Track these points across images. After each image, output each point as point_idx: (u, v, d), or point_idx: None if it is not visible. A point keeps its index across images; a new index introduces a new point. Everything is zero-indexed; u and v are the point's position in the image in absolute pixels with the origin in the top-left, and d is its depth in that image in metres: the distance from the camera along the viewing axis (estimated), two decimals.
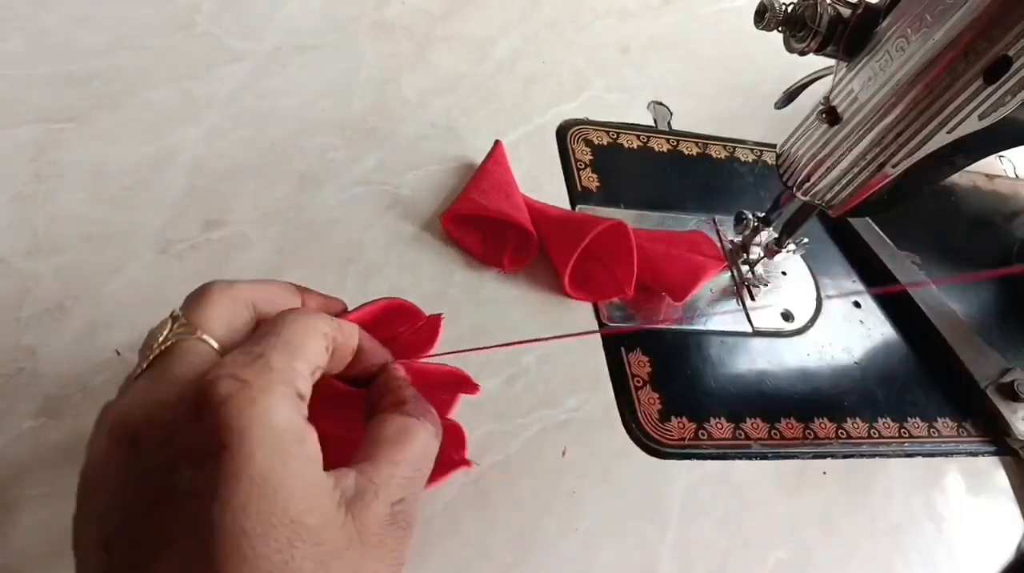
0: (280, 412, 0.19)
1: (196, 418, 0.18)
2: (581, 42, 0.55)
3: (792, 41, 0.32)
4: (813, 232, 0.49)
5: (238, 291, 0.23)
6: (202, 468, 0.17)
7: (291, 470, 0.18)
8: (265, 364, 0.19)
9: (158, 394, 0.20)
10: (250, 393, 0.18)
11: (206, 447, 0.18)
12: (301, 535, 0.18)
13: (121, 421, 0.19)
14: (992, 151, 0.31)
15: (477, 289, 0.39)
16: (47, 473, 0.28)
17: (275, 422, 0.18)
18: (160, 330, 0.22)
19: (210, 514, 0.17)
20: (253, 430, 0.18)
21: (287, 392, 0.19)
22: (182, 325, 0.21)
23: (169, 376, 0.20)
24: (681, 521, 0.34)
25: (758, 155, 0.53)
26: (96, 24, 0.43)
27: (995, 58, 0.26)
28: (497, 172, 0.42)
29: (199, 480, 0.17)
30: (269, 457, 0.18)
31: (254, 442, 0.18)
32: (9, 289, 0.32)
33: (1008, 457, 0.42)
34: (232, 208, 0.38)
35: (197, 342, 0.21)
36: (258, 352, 0.20)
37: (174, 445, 0.18)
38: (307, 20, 0.48)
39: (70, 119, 0.38)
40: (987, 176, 0.60)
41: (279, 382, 0.19)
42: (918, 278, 0.48)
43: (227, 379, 0.18)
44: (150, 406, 0.19)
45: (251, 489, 0.17)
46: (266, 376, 0.19)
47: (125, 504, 0.18)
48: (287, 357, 0.20)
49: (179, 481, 0.18)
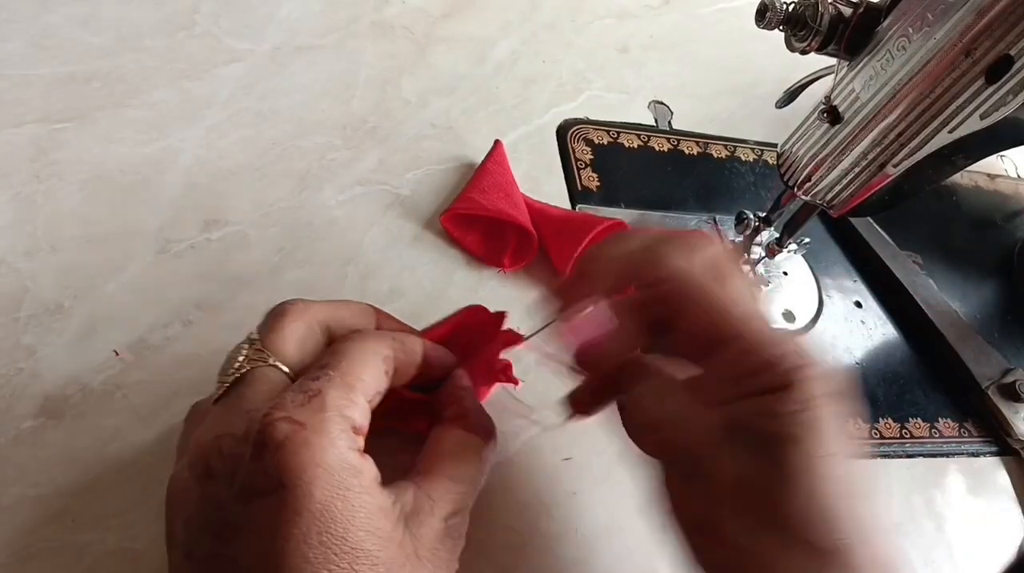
0: (334, 451, 0.20)
1: (256, 457, 0.20)
2: (581, 42, 0.55)
3: (793, 40, 0.32)
4: (814, 232, 0.49)
5: (313, 313, 0.24)
6: (265, 504, 0.19)
7: (348, 502, 0.20)
8: (320, 403, 0.21)
9: (229, 426, 0.21)
10: (304, 435, 0.20)
11: (268, 484, 0.19)
12: (360, 559, 0.19)
13: (198, 451, 0.21)
14: (993, 151, 0.31)
15: (477, 289, 0.39)
16: (47, 473, 0.28)
17: (329, 461, 0.20)
18: (236, 354, 0.23)
19: (275, 545, 0.19)
20: (309, 470, 0.19)
21: (341, 429, 0.21)
22: (257, 350, 0.23)
23: (240, 405, 0.22)
24: None
25: (759, 155, 0.52)
26: (96, 25, 0.43)
27: (997, 57, 0.26)
28: (497, 172, 0.42)
29: (264, 514, 0.19)
30: (327, 493, 0.19)
31: (311, 481, 0.19)
32: (9, 289, 0.32)
33: (1009, 457, 0.42)
34: (232, 208, 0.38)
35: (270, 369, 0.23)
36: (315, 389, 0.21)
37: (240, 481, 0.20)
38: (307, 20, 0.48)
39: (70, 119, 0.38)
40: (988, 176, 0.60)
41: (333, 420, 0.21)
42: (919, 278, 0.47)
43: (283, 422, 0.20)
44: (222, 438, 0.21)
45: (311, 522, 0.19)
46: (320, 416, 0.20)
47: (201, 525, 0.20)
48: (343, 391, 0.22)
49: (244, 513, 0.19)
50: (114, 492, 0.28)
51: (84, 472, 0.28)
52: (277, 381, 0.23)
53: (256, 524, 0.19)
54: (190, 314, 0.34)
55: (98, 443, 0.29)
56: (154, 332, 0.33)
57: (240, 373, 0.23)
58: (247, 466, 0.20)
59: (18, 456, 0.28)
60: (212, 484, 0.20)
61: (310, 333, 0.24)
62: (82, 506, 0.27)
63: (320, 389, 0.21)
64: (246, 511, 0.19)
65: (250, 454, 0.20)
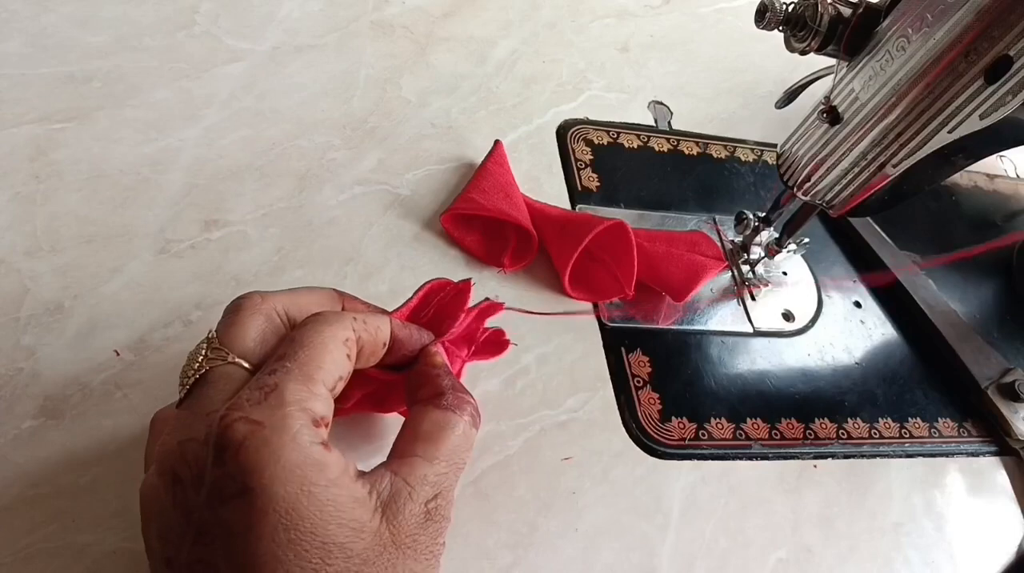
0: (295, 447, 0.20)
1: (218, 461, 0.19)
2: (581, 42, 0.55)
3: (793, 41, 0.32)
4: (814, 232, 0.49)
5: (271, 303, 0.24)
6: (232, 508, 0.19)
7: (315, 497, 0.19)
8: (278, 398, 0.20)
9: (191, 430, 0.21)
10: (263, 434, 0.19)
11: (233, 488, 0.19)
12: (332, 552, 0.19)
13: (164, 458, 0.21)
14: (993, 151, 0.31)
15: (477, 289, 0.39)
16: (47, 473, 0.28)
17: (291, 458, 0.19)
18: (196, 354, 0.23)
19: (246, 548, 0.19)
20: (270, 469, 0.19)
21: (302, 423, 0.20)
22: (215, 348, 0.22)
23: (202, 407, 0.21)
24: (681, 521, 0.34)
25: (758, 155, 0.53)
26: (96, 24, 0.43)
27: (996, 57, 0.26)
28: (497, 172, 0.42)
29: (232, 517, 0.19)
30: (291, 491, 0.19)
31: (275, 480, 0.19)
32: (9, 289, 0.32)
33: (1009, 457, 0.42)
34: (232, 208, 0.38)
35: (230, 366, 0.22)
36: (271, 385, 0.21)
37: (207, 485, 0.20)
38: (307, 20, 0.48)
39: (70, 119, 0.38)
40: (988, 176, 0.60)
41: (292, 415, 0.20)
42: (919, 278, 0.47)
43: (240, 422, 0.19)
44: (185, 443, 0.20)
45: (278, 521, 0.19)
46: (279, 412, 0.20)
47: (177, 533, 0.20)
48: (301, 383, 0.21)
49: (215, 517, 0.19)
50: (114, 492, 0.28)
51: (84, 472, 0.28)
52: (238, 378, 0.22)
53: (227, 528, 0.19)
54: (190, 314, 0.34)
55: (98, 443, 0.29)
56: (154, 332, 0.33)
57: (199, 373, 0.22)
58: (211, 471, 0.19)
59: (18, 456, 0.28)
60: (181, 490, 0.20)
61: (270, 324, 0.23)
62: (82, 506, 0.28)
63: (276, 383, 0.21)
64: (216, 515, 0.19)
65: (212, 458, 0.19)
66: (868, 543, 0.36)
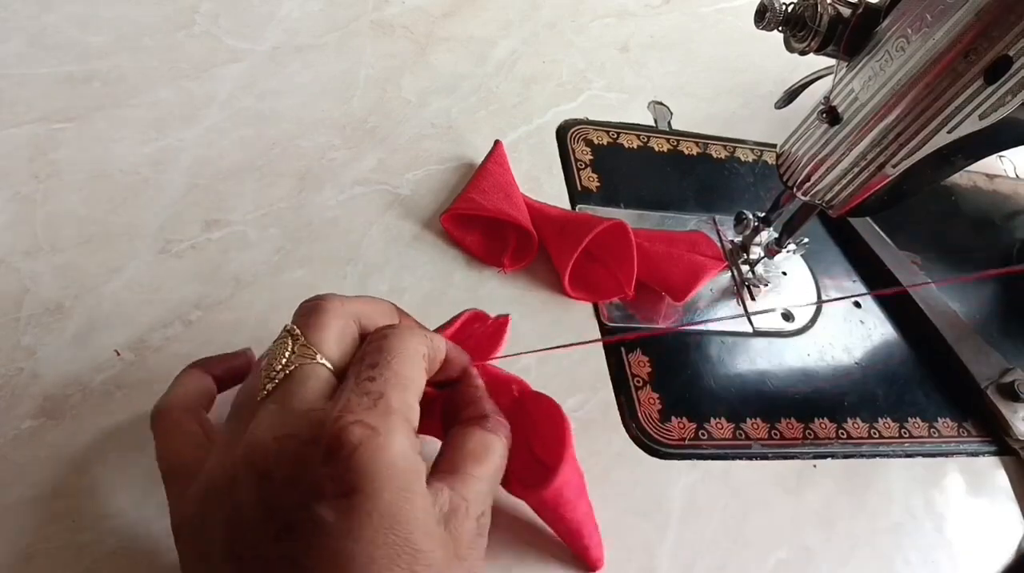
0: (404, 454, 0.20)
1: (328, 461, 0.20)
2: (581, 42, 0.55)
3: (792, 41, 0.32)
4: (813, 232, 0.49)
5: (348, 308, 0.24)
6: (335, 506, 0.19)
7: (413, 505, 0.20)
8: (386, 406, 0.21)
9: (287, 426, 0.21)
10: (379, 439, 0.20)
11: (339, 489, 0.19)
12: (419, 560, 0.20)
13: (254, 451, 0.21)
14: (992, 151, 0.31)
15: (477, 289, 0.39)
16: (47, 473, 0.28)
17: (400, 464, 0.20)
18: (281, 351, 0.23)
19: (343, 547, 0.19)
20: (382, 472, 0.20)
21: (407, 431, 0.21)
22: (302, 346, 0.23)
23: (295, 404, 0.21)
24: (681, 521, 0.34)
25: (758, 155, 0.53)
26: (96, 24, 0.43)
27: (995, 58, 0.26)
28: (497, 172, 0.42)
29: (332, 517, 0.19)
30: (395, 496, 0.20)
31: (383, 484, 0.20)
32: (9, 289, 0.32)
33: (1008, 457, 0.42)
34: (232, 208, 0.38)
35: (316, 366, 0.22)
36: (377, 392, 0.21)
37: (306, 483, 0.20)
38: (307, 20, 0.48)
39: (70, 119, 0.38)
40: (987, 176, 0.60)
41: (400, 423, 0.21)
42: (919, 278, 0.47)
43: (357, 426, 0.20)
44: (281, 439, 0.21)
45: (380, 525, 0.19)
46: (390, 419, 0.21)
47: (254, 527, 0.20)
48: (402, 392, 0.22)
49: (312, 517, 0.19)
50: (114, 492, 0.28)
51: (84, 472, 0.28)
52: (325, 379, 0.22)
53: (324, 527, 0.19)
54: (190, 314, 0.34)
55: (98, 443, 0.29)
56: (154, 332, 0.33)
57: (288, 370, 0.22)
58: (317, 470, 0.20)
59: (18, 456, 0.28)
60: (270, 486, 0.20)
61: (348, 329, 0.24)
62: (82, 506, 0.28)
63: (383, 392, 0.21)
64: (312, 514, 0.19)
65: (320, 458, 0.20)
66: (868, 543, 0.36)
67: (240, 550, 0.20)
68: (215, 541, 0.21)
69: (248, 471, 0.20)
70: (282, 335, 0.23)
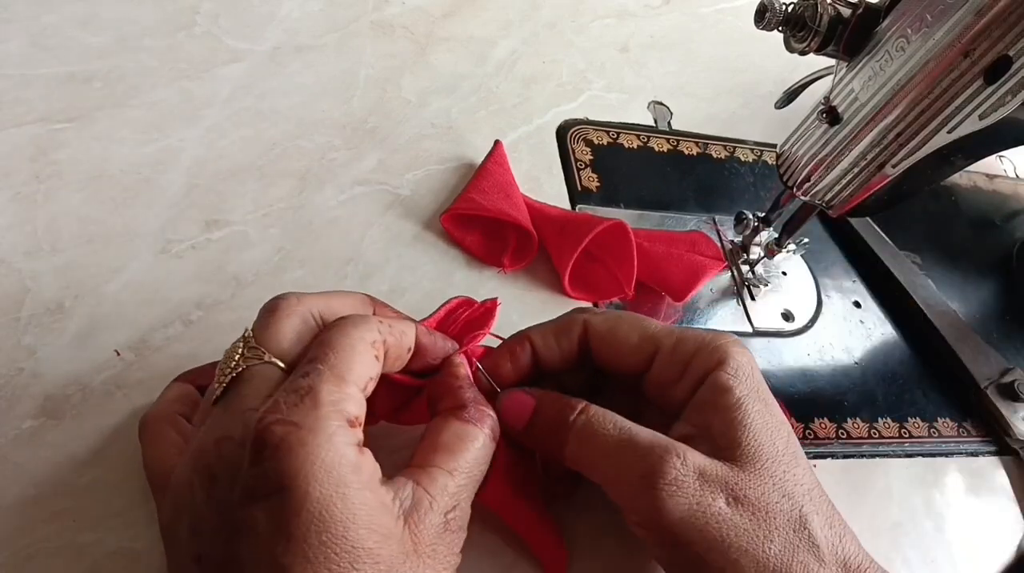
0: (331, 448, 0.20)
1: (254, 461, 0.20)
2: (581, 42, 0.55)
3: (792, 41, 0.32)
4: (813, 232, 0.49)
5: (306, 305, 0.24)
6: (266, 507, 0.19)
7: (348, 500, 0.20)
8: (313, 400, 0.21)
9: (228, 428, 0.21)
10: (300, 434, 0.20)
11: (268, 487, 0.19)
12: (361, 557, 0.19)
13: (201, 455, 0.21)
14: (992, 151, 0.31)
15: (477, 289, 0.39)
16: (47, 473, 0.28)
17: (327, 459, 0.20)
18: (233, 353, 0.23)
19: (276, 547, 0.19)
20: (306, 470, 0.19)
21: (337, 425, 0.21)
22: (251, 348, 0.23)
23: (238, 406, 0.21)
24: None
25: (758, 155, 0.53)
26: (96, 24, 0.43)
27: (995, 58, 0.26)
28: (497, 172, 0.42)
29: (264, 516, 0.19)
30: (326, 492, 0.19)
31: (309, 481, 0.19)
32: (9, 289, 0.32)
33: (1008, 457, 0.42)
34: (232, 208, 0.38)
35: (266, 366, 0.22)
36: (306, 387, 0.21)
37: (240, 485, 0.20)
38: (307, 20, 0.48)
39: (70, 119, 0.38)
40: (987, 176, 0.60)
41: (328, 417, 0.20)
42: (918, 278, 0.48)
43: (278, 424, 0.20)
44: (221, 442, 0.21)
45: (310, 522, 0.19)
46: (314, 414, 0.20)
47: (210, 530, 0.20)
48: (335, 384, 0.21)
49: (248, 516, 0.19)
50: (114, 492, 0.28)
51: (84, 472, 0.28)
52: (274, 378, 0.22)
53: (258, 527, 0.19)
54: (190, 314, 0.34)
55: (98, 443, 0.29)
56: (155, 332, 0.33)
57: (236, 372, 0.22)
58: (246, 470, 0.20)
59: (18, 456, 0.28)
60: (216, 488, 0.20)
61: (306, 326, 0.24)
62: (82, 506, 0.28)
63: (311, 386, 0.21)
64: (248, 515, 0.19)
65: (248, 458, 0.20)
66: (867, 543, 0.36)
67: (201, 550, 0.20)
68: (184, 544, 0.21)
69: (197, 476, 0.21)
70: (237, 339, 0.23)
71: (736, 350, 0.27)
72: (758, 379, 0.27)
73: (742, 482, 0.24)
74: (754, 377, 0.27)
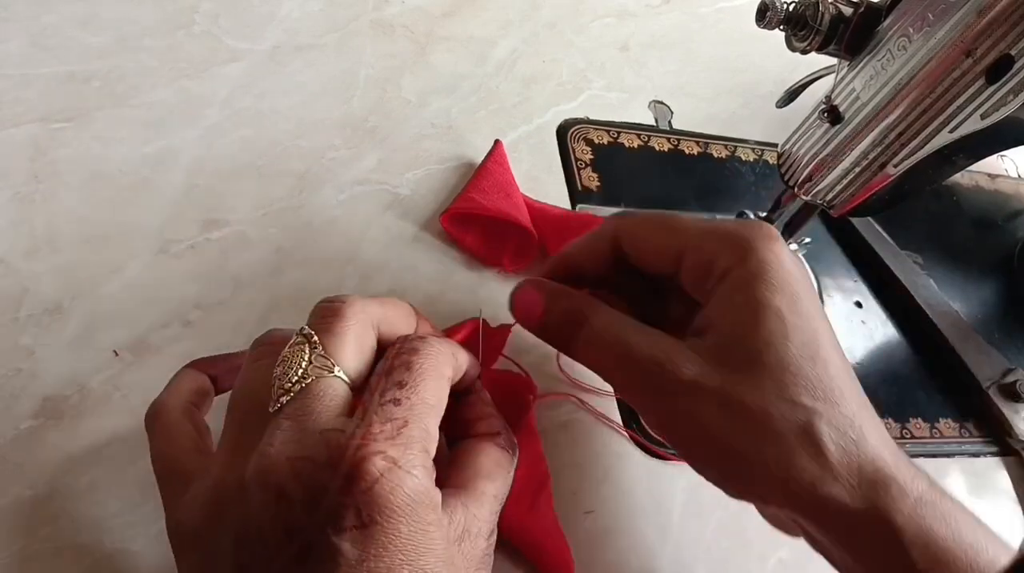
0: (421, 488, 0.20)
1: (346, 490, 0.19)
2: (581, 42, 0.55)
3: (793, 40, 0.32)
4: (814, 232, 0.49)
5: (368, 314, 0.23)
6: (352, 537, 0.19)
7: (429, 536, 0.20)
8: (408, 436, 0.20)
9: (303, 448, 0.20)
10: (399, 474, 0.20)
11: (358, 520, 0.19)
12: None
13: (270, 471, 0.20)
14: (994, 151, 0.31)
15: (477, 289, 0.39)
16: (46, 473, 0.28)
17: (417, 498, 0.20)
18: (296, 359, 0.22)
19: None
20: (401, 509, 0.19)
21: (426, 462, 0.21)
22: (320, 357, 0.22)
23: (311, 424, 0.21)
24: (682, 521, 0.34)
25: (759, 155, 0.52)
26: (96, 25, 0.43)
27: (997, 57, 0.26)
28: (497, 172, 0.42)
29: (350, 549, 0.19)
30: (413, 529, 0.20)
31: (401, 518, 0.19)
32: (8, 289, 0.32)
33: (1010, 458, 0.42)
34: (232, 208, 0.38)
35: (333, 380, 0.22)
36: (402, 419, 0.21)
37: (324, 510, 0.19)
38: (306, 20, 0.48)
39: (70, 119, 0.38)
40: (989, 176, 0.60)
41: (419, 456, 0.21)
42: (920, 278, 0.47)
43: (379, 457, 0.20)
44: (296, 461, 0.20)
45: (395, 556, 0.19)
46: (411, 452, 0.20)
47: (271, 548, 0.20)
48: (424, 420, 0.21)
49: (328, 542, 0.19)
50: (113, 493, 0.28)
51: (83, 472, 0.28)
52: (343, 395, 0.22)
53: (341, 556, 0.19)
54: (190, 314, 0.34)
55: (97, 443, 0.29)
56: (154, 332, 0.32)
57: (304, 383, 0.21)
58: (335, 498, 0.19)
59: (17, 456, 0.28)
60: (287, 507, 0.20)
61: (368, 337, 0.23)
62: (81, 506, 0.27)
63: (407, 419, 0.21)
64: (330, 542, 0.19)
65: (339, 487, 0.19)
66: None
67: (250, 565, 0.20)
68: (223, 554, 0.20)
69: (261, 489, 0.20)
70: (297, 340, 0.22)
71: (762, 244, 0.25)
72: (785, 273, 0.24)
73: (738, 388, 0.23)
74: (779, 273, 0.24)
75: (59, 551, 0.27)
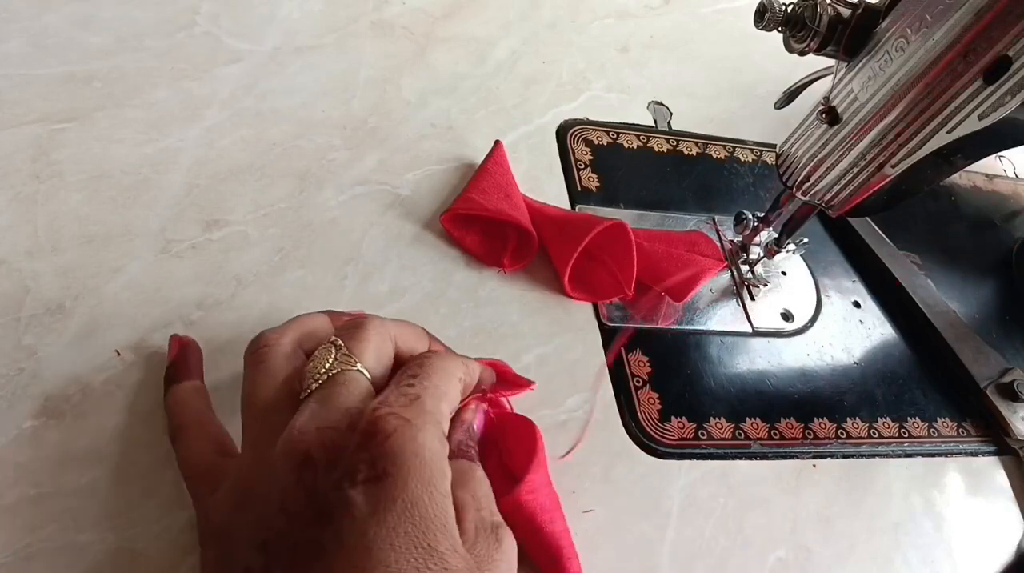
0: (432, 448, 0.22)
1: (363, 446, 0.21)
2: (581, 42, 0.55)
3: (792, 41, 0.32)
4: (813, 232, 0.49)
5: (387, 328, 0.26)
6: (365, 490, 0.20)
7: (434, 500, 0.21)
8: (421, 405, 0.23)
9: (327, 420, 0.22)
10: (411, 430, 0.21)
11: (371, 473, 0.20)
12: (433, 557, 0.20)
13: (299, 439, 0.22)
14: (992, 151, 0.31)
15: (477, 289, 0.39)
16: (47, 473, 0.28)
17: (427, 457, 0.21)
18: (324, 357, 0.24)
19: (366, 529, 0.20)
20: (411, 463, 0.21)
21: (437, 431, 0.22)
22: (344, 354, 0.24)
23: (336, 402, 0.23)
24: (681, 521, 0.34)
25: (758, 155, 0.53)
26: (96, 25, 0.43)
27: (995, 58, 0.26)
28: (497, 172, 0.42)
29: (362, 500, 0.20)
30: (419, 488, 0.21)
31: (410, 473, 0.21)
32: (9, 289, 0.32)
33: (1008, 457, 0.42)
34: (232, 208, 0.38)
35: (358, 374, 0.24)
36: (414, 394, 0.23)
37: (341, 467, 0.21)
38: (307, 20, 0.48)
39: (70, 119, 0.38)
40: (987, 176, 0.60)
41: (432, 421, 0.22)
42: (918, 278, 0.48)
43: (393, 416, 0.21)
44: (324, 430, 0.22)
45: (402, 513, 0.20)
46: (423, 416, 0.22)
47: (290, 514, 0.21)
48: (436, 400, 0.24)
49: (340, 498, 0.20)
50: (114, 492, 0.28)
51: (84, 472, 0.28)
52: (365, 385, 0.24)
53: (353, 507, 0.20)
54: (191, 314, 0.34)
55: (98, 443, 0.29)
56: (155, 332, 0.33)
57: (331, 373, 0.24)
58: (351, 455, 0.21)
59: (18, 456, 0.28)
60: (309, 472, 0.21)
61: (387, 347, 0.26)
62: (82, 506, 0.28)
63: (419, 394, 0.23)
64: (344, 495, 0.20)
65: (356, 444, 0.21)
66: (867, 543, 0.36)
67: (269, 537, 0.21)
68: (247, 538, 0.21)
69: (288, 457, 0.21)
70: (326, 345, 0.25)
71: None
72: None
73: None
74: None
75: (60, 550, 0.27)
